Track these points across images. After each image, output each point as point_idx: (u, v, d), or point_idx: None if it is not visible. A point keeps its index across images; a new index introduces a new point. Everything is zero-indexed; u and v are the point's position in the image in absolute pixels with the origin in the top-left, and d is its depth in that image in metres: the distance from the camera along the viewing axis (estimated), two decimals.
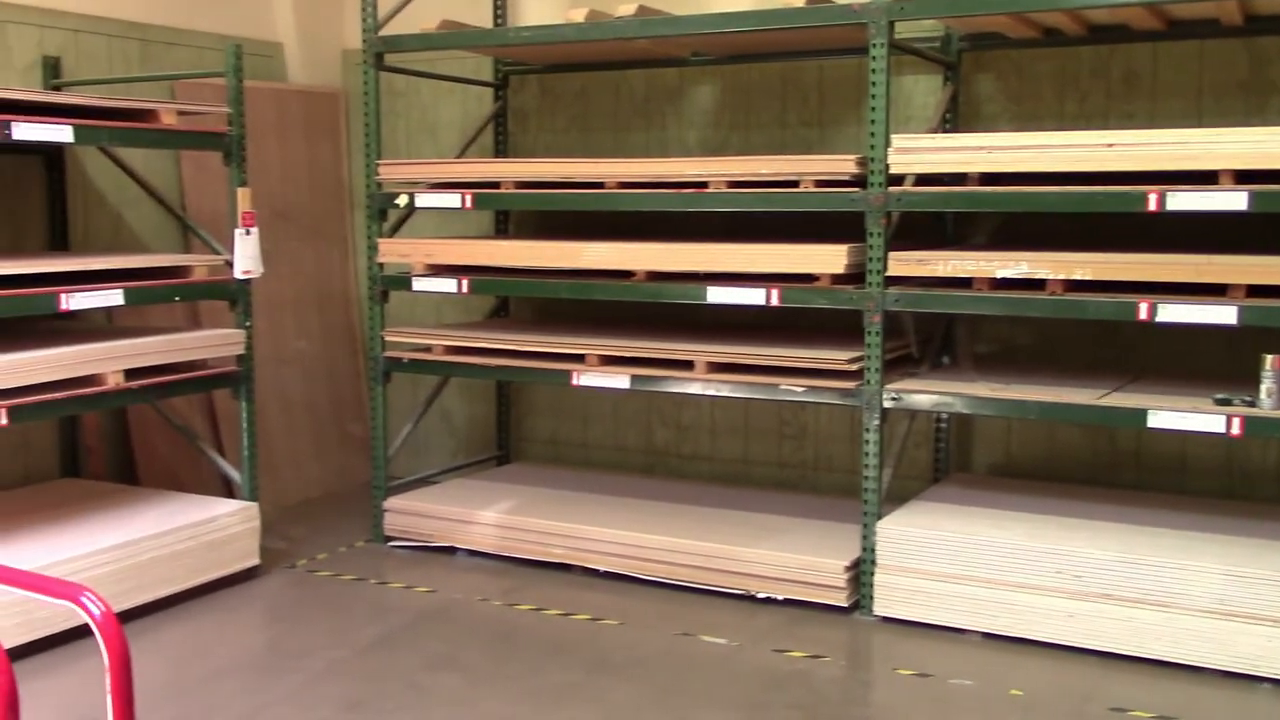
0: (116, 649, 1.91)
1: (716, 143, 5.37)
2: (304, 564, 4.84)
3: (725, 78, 5.34)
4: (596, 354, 4.61)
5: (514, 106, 5.79)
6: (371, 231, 4.99)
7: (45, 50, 4.86)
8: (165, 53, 5.37)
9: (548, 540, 4.74)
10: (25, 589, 2.03)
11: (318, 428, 5.99)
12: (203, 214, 5.31)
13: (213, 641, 4.04)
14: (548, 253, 4.69)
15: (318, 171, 6.07)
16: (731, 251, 4.37)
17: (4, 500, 4.62)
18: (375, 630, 4.12)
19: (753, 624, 4.19)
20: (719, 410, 5.48)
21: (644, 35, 4.52)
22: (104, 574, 4.02)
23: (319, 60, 6.15)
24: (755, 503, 4.99)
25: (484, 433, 6.04)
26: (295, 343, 5.90)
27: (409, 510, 5.04)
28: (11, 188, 4.79)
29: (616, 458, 5.74)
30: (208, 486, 5.26)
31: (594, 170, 4.59)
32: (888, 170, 4.11)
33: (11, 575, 2.07)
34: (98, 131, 4.12)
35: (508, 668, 3.81)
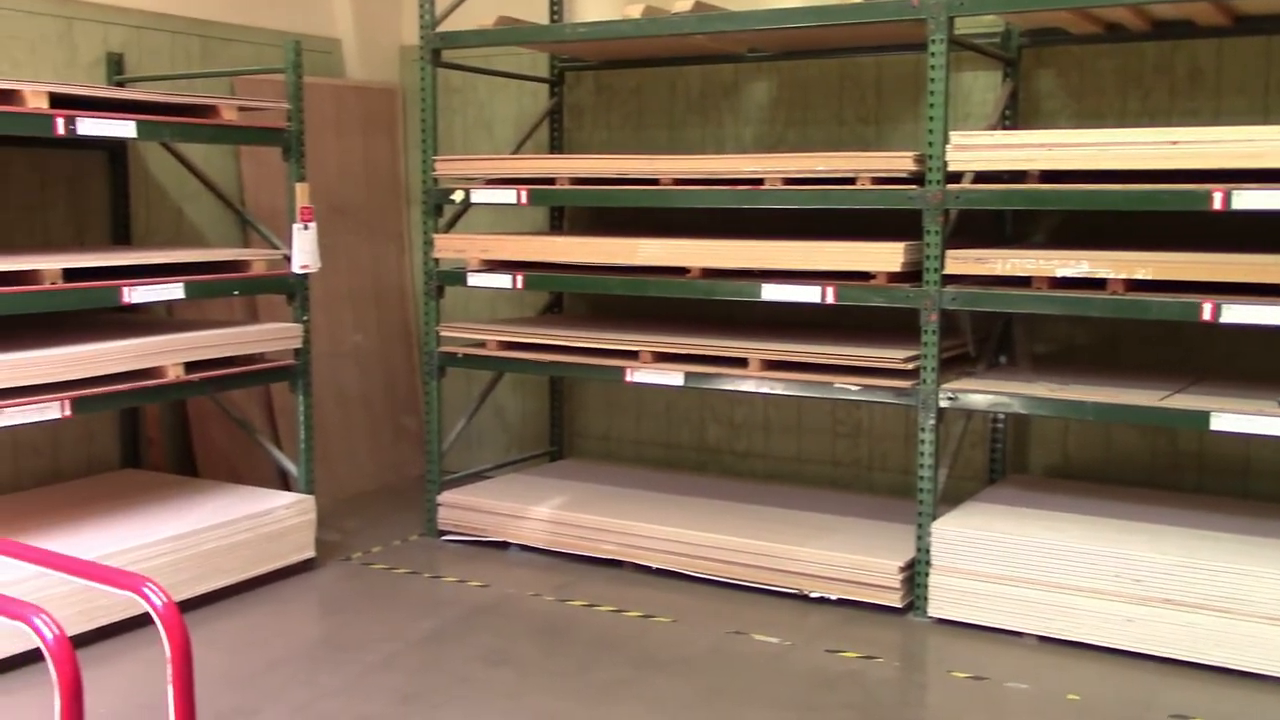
0: (177, 639, 1.93)
1: (772, 139, 5.35)
2: (358, 557, 4.88)
3: (782, 74, 5.31)
4: (650, 350, 4.61)
5: (570, 103, 5.80)
6: (427, 227, 5.02)
7: (109, 47, 4.94)
8: (225, 49, 5.44)
9: (600, 536, 4.74)
10: (89, 579, 2.06)
11: (373, 421, 6.04)
12: (261, 209, 5.37)
13: (269, 632, 4.08)
14: (602, 249, 4.69)
15: (374, 167, 6.12)
16: (787, 249, 4.35)
17: (67, 490, 4.70)
18: (428, 624, 4.14)
19: (805, 623, 4.18)
20: (772, 408, 5.46)
21: (701, 31, 4.50)
22: (163, 564, 4.07)
23: (377, 56, 6.19)
24: (808, 501, 4.97)
25: (537, 428, 6.06)
26: (351, 337, 5.95)
27: (462, 505, 5.07)
28: (76, 182, 4.87)
29: (669, 455, 5.73)
30: (265, 479, 5.32)
31: (649, 166, 4.59)
32: (946, 167, 4.07)
33: (76, 565, 2.10)
34: (160, 127, 4.17)
35: (559, 663, 3.82)
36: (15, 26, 4.60)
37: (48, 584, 3.58)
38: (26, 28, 4.64)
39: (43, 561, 2.15)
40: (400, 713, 3.45)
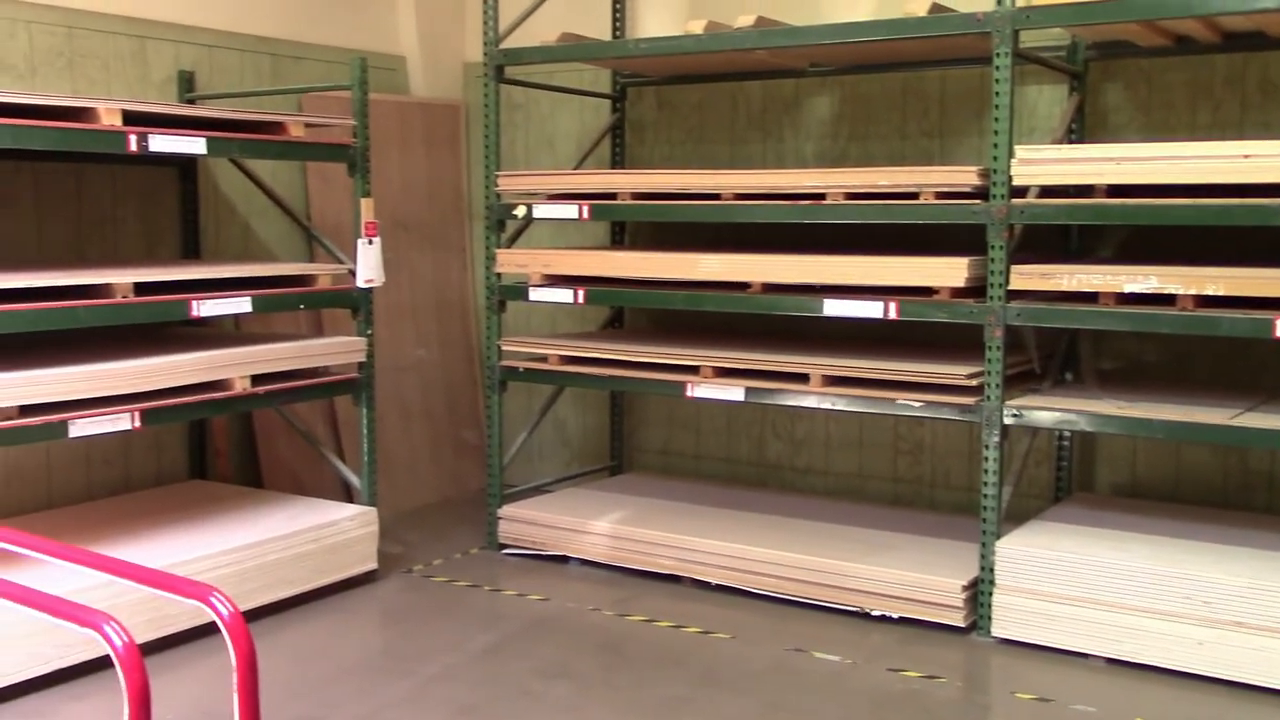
0: (243, 649, 1.96)
1: (834, 154, 5.33)
2: (420, 569, 4.91)
3: (844, 88, 5.29)
4: (711, 365, 4.60)
5: (631, 118, 5.82)
6: (490, 242, 5.05)
7: (181, 65, 5.03)
8: (294, 67, 5.52)
9: (659, 551, 4.74)
10: (158, 588, 2.10)
11: (434, 435, 6.09)
12: (327, 224, 5.44)
13: (331, 643, 4.12)
14: (663, 264, 4.70)
15: (438, 182, 6.18)
16: (849, 264, 4.32)
17: (136, 500, 4.78)
18: (488, 637, 4.16)
19: (866, 641, 4.14)
20: (833, 424, 5.43)
21: (763, 46, 4.50)
22: (229, 574, 4.12)
23: (440, 73, 6.26)
24: (870, 518, 4.93)
25: (597, 442, 6.08)
26: (414, 351, 6.00)
27: (523, 518, 5.09)
28: (148, 198, 4.97)
29: (729, 470, 5.72)
30: (328, 491, 5.38)
31: (710, 181, 4.59)
32: (1010, 182, 4.03)
33: (145, 574, 2.13)
34: (229, 144, 4.24)
35: (618, 678, 3.81)
36: (91, 45, 4.71)
37: (117, 592, 3.64)
38: (102, 46, 4.75)
39: (113, 570, 2.19)
40: None
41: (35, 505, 4.63)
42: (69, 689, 3.65)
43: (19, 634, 3.49)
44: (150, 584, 2.11)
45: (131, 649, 1.80)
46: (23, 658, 3.55)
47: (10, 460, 4.55)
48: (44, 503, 4.66)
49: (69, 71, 4.64)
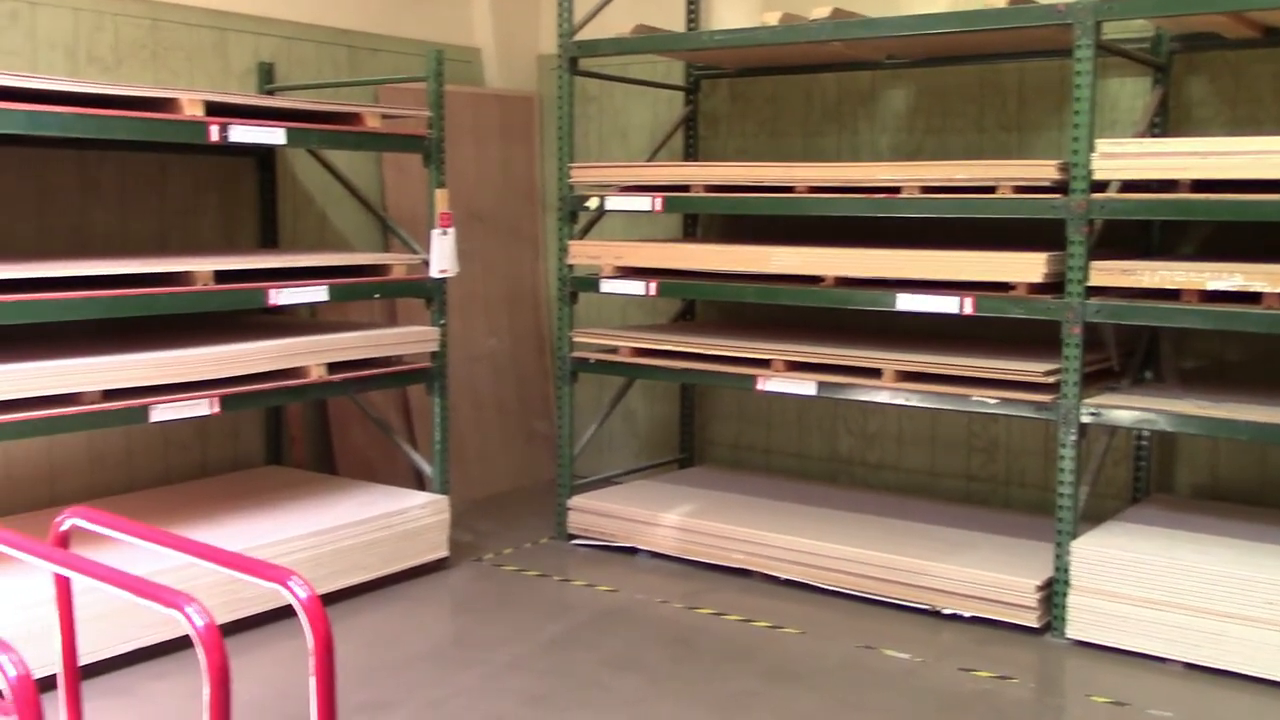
0: (321, 633, 1.98)
1: (910, 147, 5.27)
2: (490, 558, 4.95)
3: (920, 80, 5.23)
4: (782, 359, 4.58)
5: (704, 110, 5.80)
6: (563, 233, 5.07)
7: (260, 56, 5.10)
8: (370, 58, 5.57)
9: (729, 545, 4.72)
10: (238, 571, 2.13)
11: (505, 425, 6.12)
12: (402, 214, 5.49)
13: (402, 629, 4.16)
14: (736, 257, 4.68)
15: (511, 174, 6.20)
16: (923, 258, 4.28)
17: (213, 485, 4.87)
18: (557, 627, 4.18)
19: (937, 640, 4.10)
20: (906, 419, 5.38)
21: (839, 38, 4.46)
22: (303, 559, 4.18)
23: (515, 65, 6.28)
24: (942, 516, 4.88)
25: (667, 435, 6.07)
26: (486, 341, 6.04)
27: (592, 509, 5.10)
28: (227, 187, 5.04)
29: (799, 464, 5.69)
30: (401, 479, 5.43)
31: (784, 174, 4.56)
32: (1091, 176, 3.96)
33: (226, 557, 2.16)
34: (307, 134, 4.29)
35: (687, 671, 3.81)
36: (174, 37, 4.79)
37: (195, 574, 3.71)
38: (185, 39, 4.83)
39: (196, 552, 2.22)
40: (529, 714, 3.48)
41: (117, 488, 4.72)
42: (149, 667, 3.73)
43: (102, 613, 3.56)
44: (231, 567, 2.14)
45: (212, 630, 1.83)
46: (106, 636, 3.62)
47: (94, 444, 4.64)
48: (125, 485, 4.76)
49: (153, 63, 4.73)
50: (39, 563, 2.16)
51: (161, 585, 1.92)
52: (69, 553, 2.20)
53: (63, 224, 4.51)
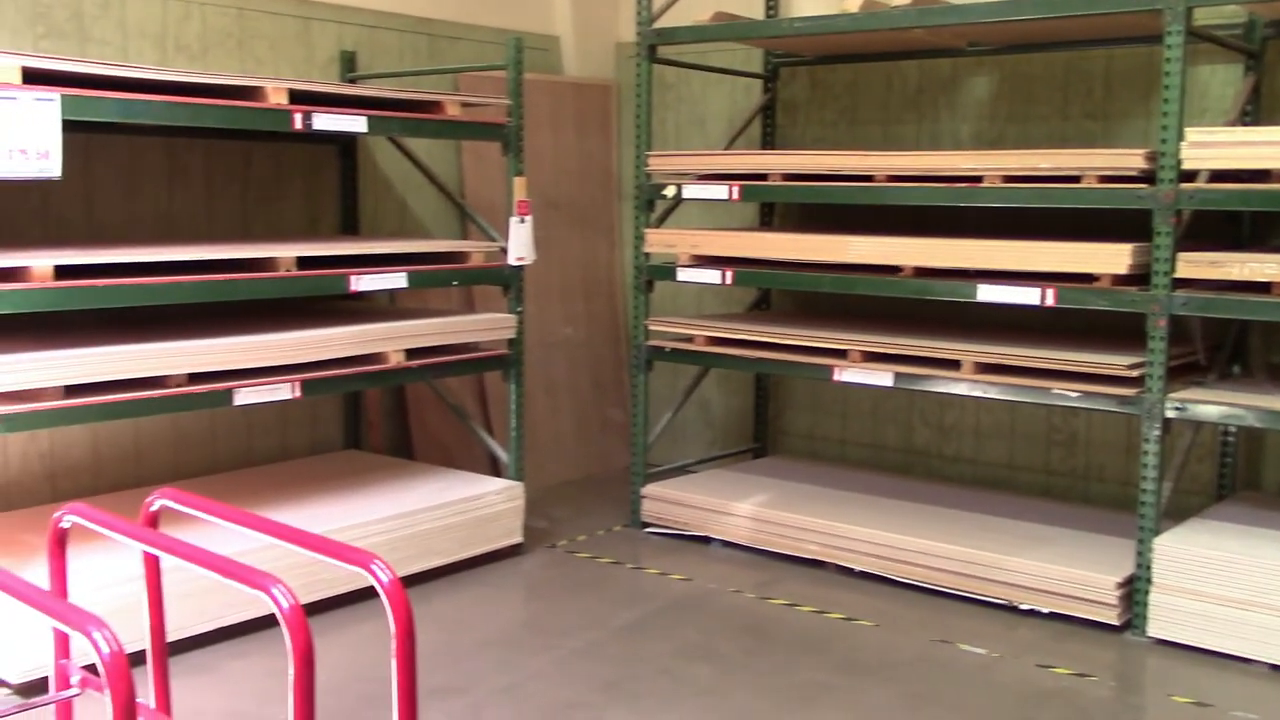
0: (402, 616, 2.00)
1: (992, 136, 5.20)
2: (564, 544, 4.97)
3: (1003, 68, 5.16)
4: (859, 350, 4.54)
5: (783, 98, 5.77)
6: (639, 221, 5.07)
7: (343, 45, 5.16)
8: (451, 47, 5.61)
9: (803, 536, 4.70)
10: (321, 554, 2.16)
11: (580, 412, 6.15)
12: (480, 202, 5.52)
13: (477, 614, 4.20)
14: (813, 246, 4.65)
15: (588, 162, 6.22)
16: (1004, 248, 4.22)
17: (294, 468, 4.94)
18: (630, 614, 4.19)
19: (1013, 636, 4.05)
20: (984, 412, 5.31)
21: (921, 25, 4.41)
22: (380, 542, 4.23)
23: (593, 53, 6.29)
24: (1020, 510, 4.81)
25: (741, 424, 6.06)
26: (561, 329, 6.07)
27: (666, 498, 5.11)
28: (310, 174, 5.11)
29: (874, 456, 5.65)
30: (476, 464, 5.47)
31: (863, 163, 4.52)
32: (1180, 165, 3.88)
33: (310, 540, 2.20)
34: (388, 122, 4.34)
35: (759, 661, 3.80)
36: (259, 26, 4.86)
37: (275, 555, 3.76)
38: (269, 27, 4.90)
39: (281, 535, 2.26)
40: (602, 700, 3.50)
41: (200, 469, 4.82)
42: (231, 646, 3.80)
43: (186, 592, 3.64)
44: (315, 550, 2.18)
45: (297, 611, 1.86)
46: (189, 614, 3.70)
47: (178, 426, 4.74)
48: (208, 467, 4.85)
49: (238, 52, 4.80)
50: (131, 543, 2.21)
51: (248, 567, 1.96)
52: (160, 533, 2.25)
53: (151, 210, 4.61)
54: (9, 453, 4.26)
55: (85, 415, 3.56)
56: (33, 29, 4.22)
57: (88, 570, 3.57)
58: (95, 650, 1.73)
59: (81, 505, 2.38)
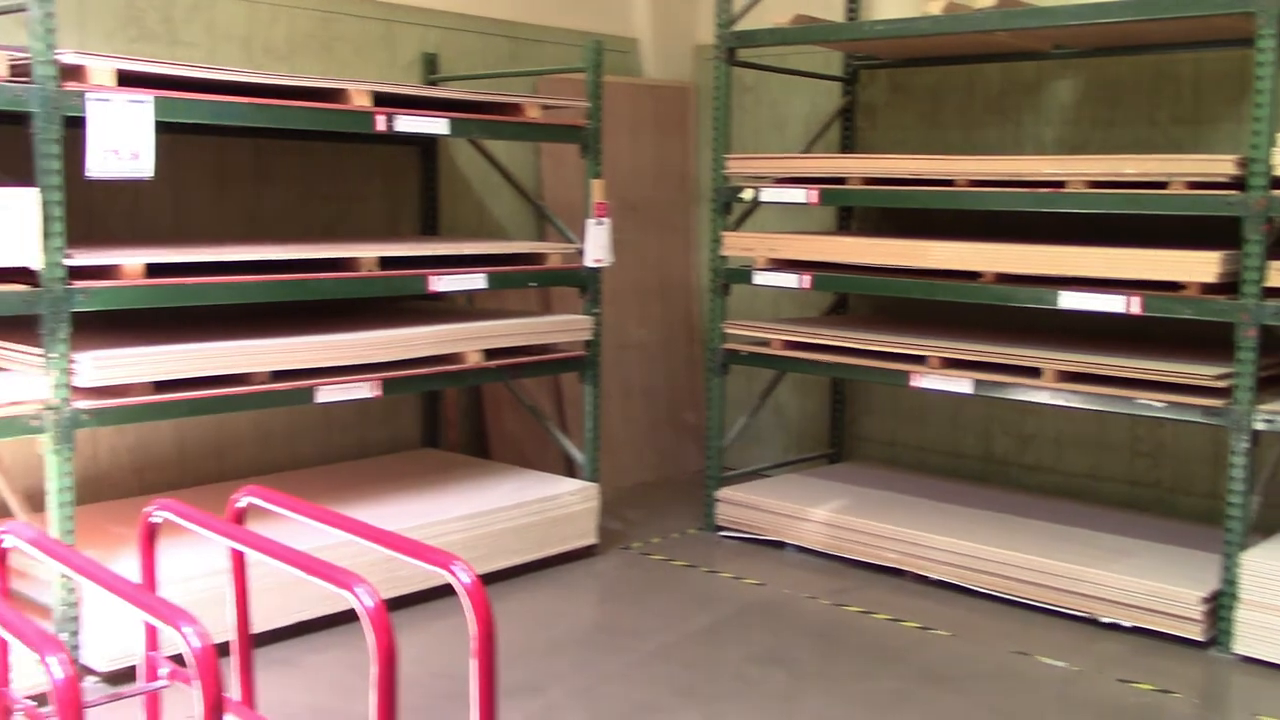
0: (482, 616, 2.02)
1: (1076, 141, 5.12)
2: (638, 546, 4.98)
3: (1088, 71, 5.07)
4: (938, 356, 4.50)
5: (863, 101, 5.72)
6: (716, 225, 5.06)
7: (425, 47, 5.22)
8: (530, 49, 5.65)
9: (879, 543, 4.67)
10: (404, 554, 2.18)
11: (654, 414, 6.15)
12: (558, 203, 5.55)
13: (552, 614, 4.22)
14: (892, 250, 4.61)
15: (665, 164, 6.22)
16: (1088, 255, 4.15)
17: (372, 465, 5.01)
18: (704, 618, 4.18)
19: (1094, 649, 3.98)
20: (1065, 421, 5.23)
21: (1005, 28, 4.35)
22: (457, 540, 4.27)
23: (672, 55, 6.30)
24: (1102, 521, 4.73)
25: (816, 429, 6.02)
26: (637, 331, 6.08)
27: (740, 501, 5.09)
28: (392, 175, 5.17)
29: (952, 464, 5.58)
30: (551, 465, 5.50)
31: (945, 167, 4.47)
32: (1271, 172, 3.79)
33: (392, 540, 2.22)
34: (469, 124, 4.37)
35: (834, 668, 3.78)
36: (343, 29, 4.93)
37: (354, 552, 3.79)
38: (353, 30, 4.96)
39: (363, 534, 2.29)
40: (675, 704, 3.50)
41: (281, 465, 4.90)
42: (309, 640, 3.86)
43: (265, 586, 3.68)
44: (396, 549, 2.20)
45: (380, 610, 1.88)
46: (269, 609, 3.76)
47: (261, 422, 4.82)
48: (289, 463, 4.92)
49: (323, 54, 4.87)
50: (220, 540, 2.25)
51: (333, 565, 1.99)
52: (248, 530, 2.29)
53: (238, 209, 4.69)
54: (98, 446, 4.36)
55: (172, 411, 3.64)
56: (125, 32, 4.31)
57: (171, 562, 3.64)
58: (186, 645, 1.77)
59: (171, 501, 2.43)
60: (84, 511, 3.99)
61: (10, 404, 3.28)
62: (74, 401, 3.39)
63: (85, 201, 4.17)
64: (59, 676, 1.66)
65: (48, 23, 3.24)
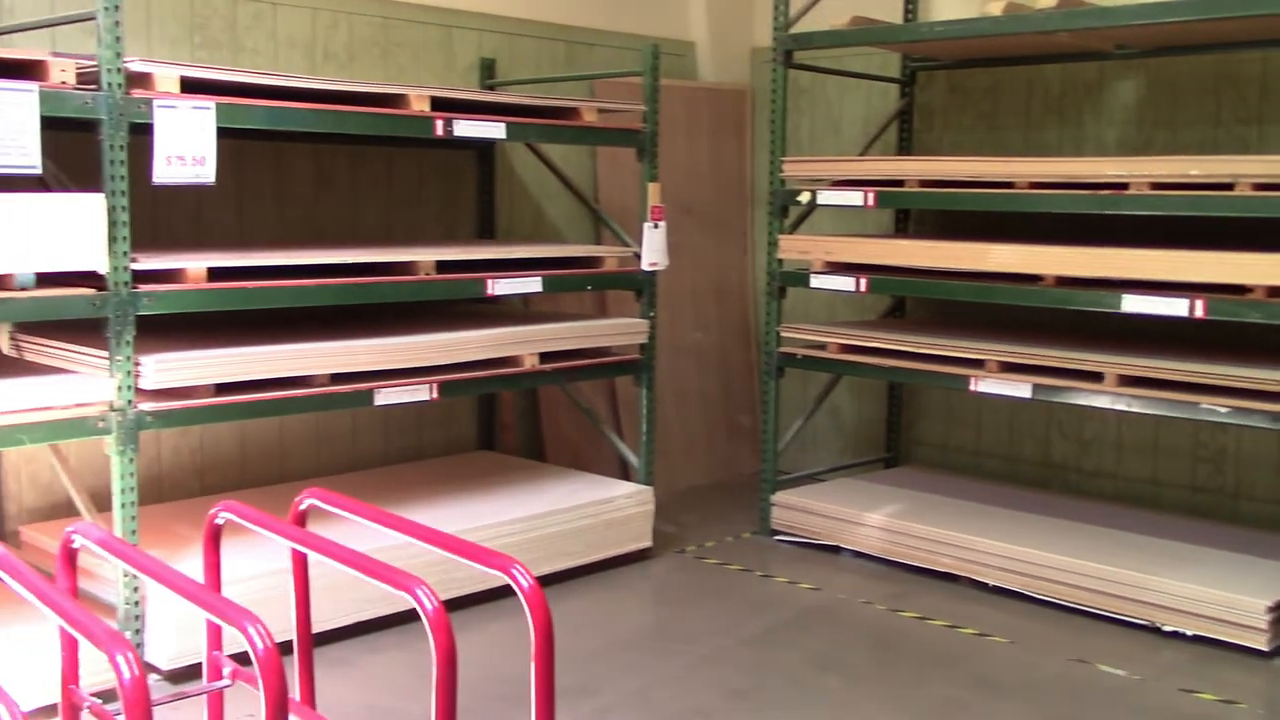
0: (541, 620, 2.03)
1: (1138, 142, 5.05)
2: (692, 550, 4.98)
3: (1151, 71, 5.00)
4: (996, 360, 4.45)
5: (920, 103, 5.69)
6: (773, 228, 5.05)
7: (483, 52, 5.25)
8: (587, 53, 5.67)
9: (936, 548, 4.63)
10: (463, 556, 2.20)
11: (709, 417, 6.15)
12: (613, 206, 5.56)
13: (606, 617, 4.23)
14: (951, 253, 4.57)
15: (721, 167, 6.21)
16: (1151, 258, 4.09)
17: (429, 467, 5.04)
18: (759, 622, 4.17)
19: (1155, 658, 3.92)
20: (1126, 426, 5.16)
21: (1067, 28, 4.30)
22: (512, 543, 4.29)
23: (728, 58, 6.29)
24: (1163, 528, 4.66)
25: (872, 433, 5.99)
26: (692, 333, 6.08)
27: (796, 506, 5.07)
28: (449, 179, 5.21)
29: (1010, 468, 5.53)
30: (606, 467, 5.51)
31: (1004, 169, 4.43)
32: None
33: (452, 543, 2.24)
34: (526, 128, 4.39)
35: (890, 674, 3.76)
36: (403, 35, 4.97)
37: (412, 553, 3.83)
38: (412, 36, 5.01)
39: (424, 537, 2.31)
40: (730, 708, 3.49)
41: (340, 467, 4.95)
42: (366, 641, 3.90)
43: (322, 586, 3.72)
44: (456, 552, 2.22)
45: (440, 612, 1.90)
46: (326, 609, 3.79)
47: (320, 424, 4.87)
48: (348, 465, 4.98)
49: (383, 60, 4.92)
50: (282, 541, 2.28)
51: (393, 567, 2.00)
52: (310, 532, 2.32)
53: (298, 214, 4.75)
54: (162, 447, 4.43)
55: (235, 413, 3.68)
56: (190, 39, 4.38)
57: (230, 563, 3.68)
58: (250, 645, 1.79)
59: (234, 503, 2.47)
60: (146, 511, 4.06)
61: (77, 405, 3.33)
62: (138, 404, 3.45)
63: (148, 206, 4.24)
64: (128, 675, 1.69)
65: (116, 31, 3.30)
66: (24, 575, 2.02)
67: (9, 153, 3.10)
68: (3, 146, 3.09)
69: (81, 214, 3.24)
